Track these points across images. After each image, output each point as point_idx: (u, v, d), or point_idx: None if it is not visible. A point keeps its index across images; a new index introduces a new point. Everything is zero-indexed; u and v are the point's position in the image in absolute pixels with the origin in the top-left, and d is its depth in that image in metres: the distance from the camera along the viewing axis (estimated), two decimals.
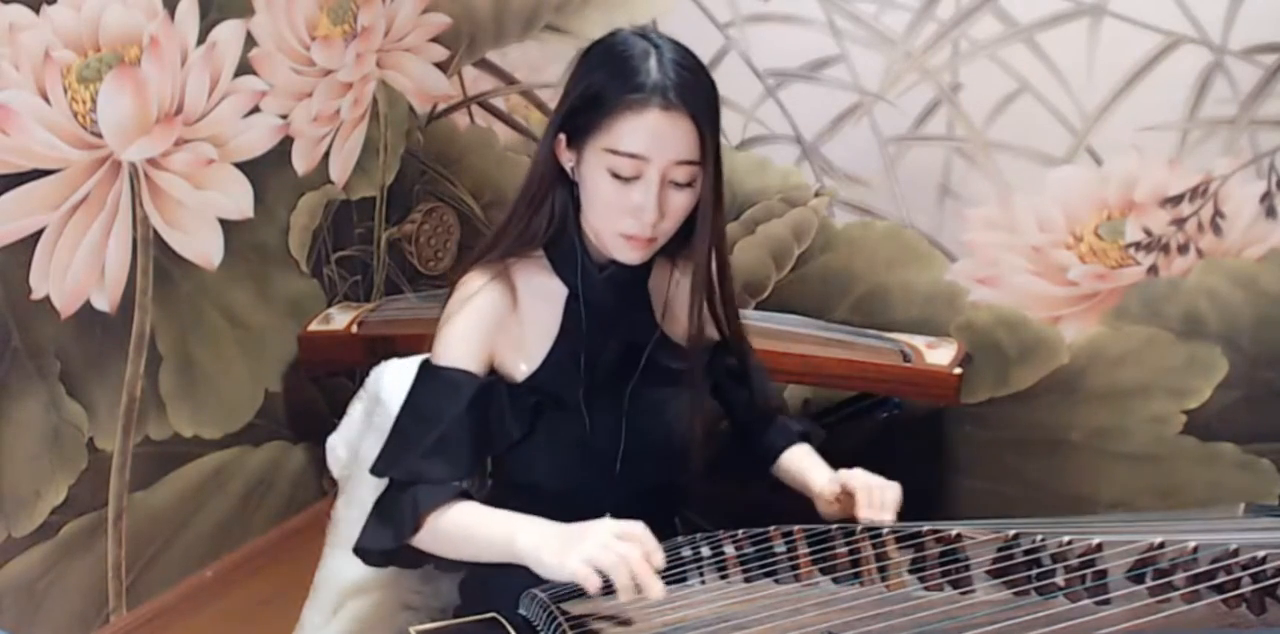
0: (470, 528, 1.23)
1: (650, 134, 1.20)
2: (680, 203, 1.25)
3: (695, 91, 1.22)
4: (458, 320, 1.30)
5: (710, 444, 1.41)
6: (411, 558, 1.29)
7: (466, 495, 1.27)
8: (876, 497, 1.32)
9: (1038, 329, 2.23)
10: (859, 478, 1.35)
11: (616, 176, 1.22)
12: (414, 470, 1.27)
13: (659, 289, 1.41)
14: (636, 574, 1.06)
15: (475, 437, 1.29)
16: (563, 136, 1.28)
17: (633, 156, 1.21)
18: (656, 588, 1.06)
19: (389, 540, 1.27)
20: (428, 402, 1.29)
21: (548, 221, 1.31)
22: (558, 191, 1.31)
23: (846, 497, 1.35)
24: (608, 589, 1.08)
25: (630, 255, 1.28)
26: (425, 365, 1.32)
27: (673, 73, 1.21)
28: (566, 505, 1.22)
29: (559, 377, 1.32)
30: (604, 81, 1.23)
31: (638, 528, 1.11)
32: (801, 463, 1.47)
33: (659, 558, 1.10)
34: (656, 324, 1.39)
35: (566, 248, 1.32)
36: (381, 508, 1.30)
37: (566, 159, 1.29)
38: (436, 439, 1.27)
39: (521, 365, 1.33)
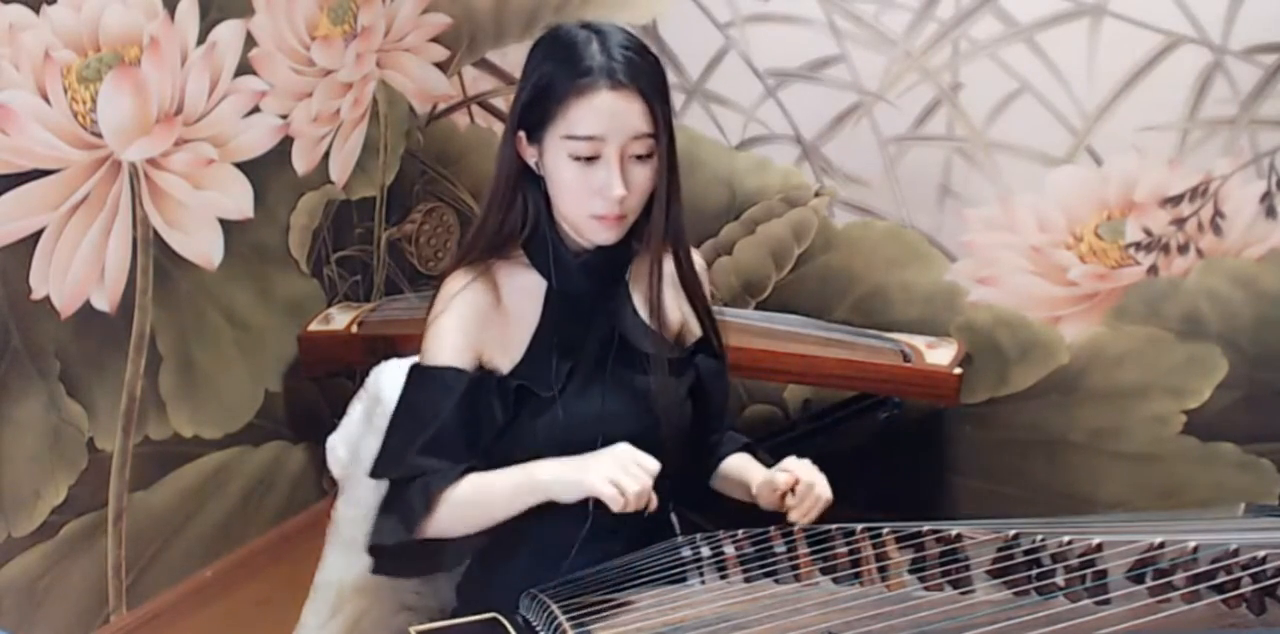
0: (487, 488, 1.26)
1: (602, 114, 1.24)
2: (642, 176, 1.28)
3: (640, 69, 1.26)
4: (443, 320, 1.33)
5: (686, 438, 1.41)
6: (421, 561, 1.31)
7: (471, 470, 1.29)
8: (809, 503, 1.31)
9: (1038, 329, 2.23)
10: (804, 470, 1.34)
11: (578, 159, 1.26)
12: (414, 466, 1.29)
13: (637, 280, 1.42)
14: (641, 494, 1.16)
15: (469, 431, 1.31)
16: (523, 134, 1.31)
17: (589, 138, 1.24)
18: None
19: (402, 531, 1.27)
20: (421, 401, 1.32)
21: (521, 219, 1.35)
22: (527, 189, 1.34)
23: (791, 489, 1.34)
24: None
25: (605, 235, 1.31)
26: (415, 367, 1.34)
27: (617, 54, 1.25)
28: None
29: (540, 366, 1.34)
30: (551, 72, 1.26)
31: (652, 462, 1.19)
32: (742, 464, 1.47)
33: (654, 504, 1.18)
34: (635, 312, 1.41)
35: (542, 241, 1.35)
36: (389, 503, 1.31)
37: (530, 155, 1.31)
38: (432, 436, 1.29)
39: (505, 359, 1.35)
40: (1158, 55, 2.01)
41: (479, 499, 1.26)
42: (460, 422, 1.29)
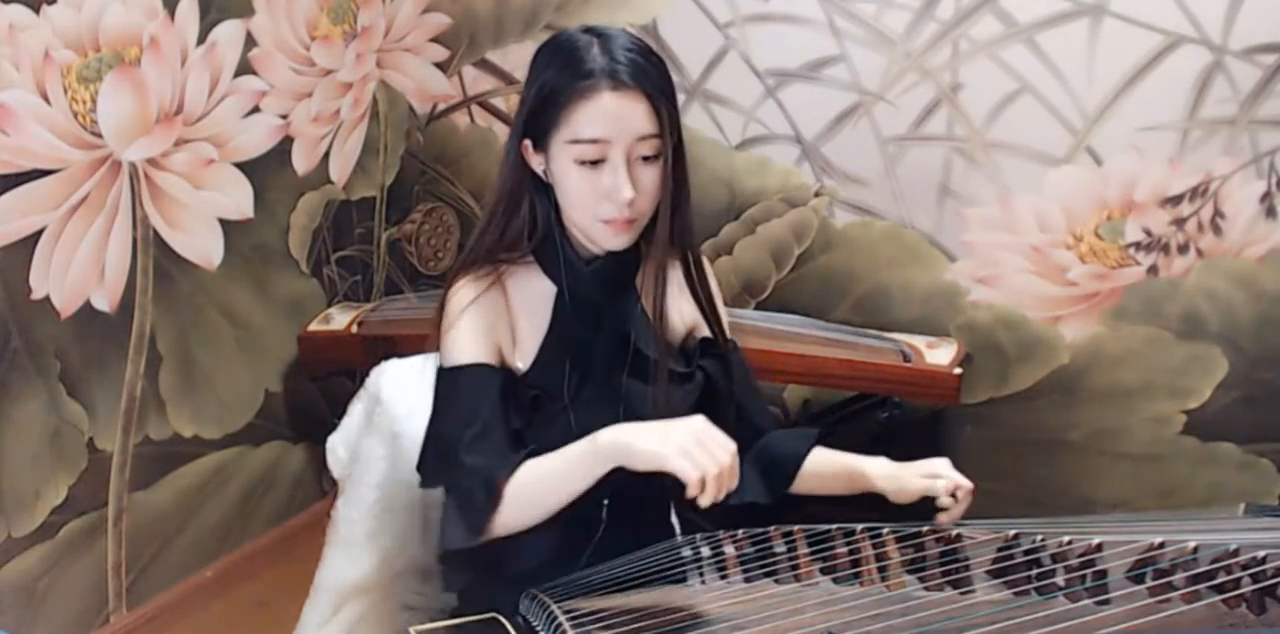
0: (549, 466, 1.22)
1: (606, 116, 1.22)
2: (651, 177, 1.26)
3: (643, 69, 1.24)
4: (461, 324, 1.31)
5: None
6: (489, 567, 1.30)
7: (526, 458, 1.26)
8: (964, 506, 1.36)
9: (1038, 329, 2.23)
10: (956, 474, 1.38)
11: (584, 164, 1.24)
12: (467, 467, 1.25)
13: (645, 285, 1.41)
14: (721, 476, 1.10)
15: (512, 424, 1.28)
16: (528, 143, 1.30)
17: (594, 141, 1.23)
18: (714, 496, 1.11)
19: (471, 532, 1.24)
20: (458, 401, 1.29)
21: (530, 226, 1.33)
22: (534, 197, 1.32)
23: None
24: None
25: (615, 241, 1.29)
26: (443, 370, 1.31)
27: (619, 56, 1.23)
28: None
29: (550, 372, 1.33)
30: (554, 78, 1.25)
31: (730, 442, 1.14)
32: (835, 457, 1.43)
33: (734, 481, 1.13)
34: (645, 317, 1.39)
35: (553, 248, 1.34)
36: (452, 505, 1.27)
37: (537, 163, 1.30)
38: (479, 433, 1.26)
39: (518, 363, 1.34)
40: (1158, 55, 2.01)
41: (545, 481, 1.22)
42: (502, 415, 1.27)
